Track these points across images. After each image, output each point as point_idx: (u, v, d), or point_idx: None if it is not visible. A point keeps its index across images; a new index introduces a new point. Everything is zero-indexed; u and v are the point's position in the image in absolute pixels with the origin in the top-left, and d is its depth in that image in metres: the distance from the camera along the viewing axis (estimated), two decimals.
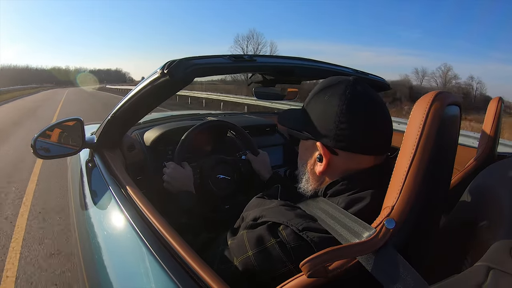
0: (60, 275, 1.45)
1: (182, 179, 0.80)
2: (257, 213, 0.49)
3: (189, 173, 0.83)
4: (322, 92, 0.49)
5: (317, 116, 0.48)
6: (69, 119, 0.87)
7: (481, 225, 0.44)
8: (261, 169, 0.94)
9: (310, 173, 0.51)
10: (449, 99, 0.39)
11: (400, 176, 0.36)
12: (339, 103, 0.46)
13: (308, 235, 0.42)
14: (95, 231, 0.70)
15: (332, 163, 0.48)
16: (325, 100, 0.48)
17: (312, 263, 0.34)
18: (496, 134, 0.70)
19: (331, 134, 0.46)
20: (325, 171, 0.48)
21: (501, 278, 0.31)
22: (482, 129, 0.72)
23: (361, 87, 0.47)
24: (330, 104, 0.46)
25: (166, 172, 0.80)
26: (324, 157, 0.47)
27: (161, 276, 0.45)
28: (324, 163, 0.48)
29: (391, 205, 0.36)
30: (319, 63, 0.85)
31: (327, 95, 0.48)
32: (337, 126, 0.45)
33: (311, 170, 0.51)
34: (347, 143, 0.46)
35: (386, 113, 0.48)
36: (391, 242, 0.34)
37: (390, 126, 0.48)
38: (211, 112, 1.71)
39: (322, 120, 0.47)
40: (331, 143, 0.46)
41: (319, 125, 0.48)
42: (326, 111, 0.47)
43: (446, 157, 0.44)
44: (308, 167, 0.51)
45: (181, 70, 0.56)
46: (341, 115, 0.45)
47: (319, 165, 0.48)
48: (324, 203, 0.46)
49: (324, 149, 0.47)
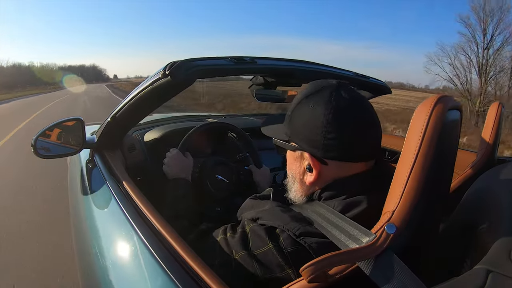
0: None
1: (182, 166, 0.81)
2: (253, 215, 0.49)
3: (190, 163, 0.84)
4: (306, 100, 0.47)
5: (303, 126, 0.47)
6: (70, 119, 0.88)
7: (481, 228, 0.44)
8: (261, 182, 0.94)
9: (299, 183, 0.50)
10: (450, 103, 0.39)
11: (401, 181, 0.36)
12: (324, 112, 0.44)
13: (305, 240, 0.42)
14: (95, 231, 0.69)
15: (322, 173, 0.47)
16: (310, 109, 0.46)
17: (313, 269, 0.34)
18: (496, 138, 0.70)
19: (319, 145, 0.45)
20: (315, 181, 0.47)
21: (500, 281, 0.31)
22: (482, 133, 0.72)
23: (346, 92, 0.46)
24: (316, 113, 0.45)
25: (168, 156, 0.82)
26: (314, 168, 0.46)
27: (161, 276, 0.45)
28: (315, 173, 0.47)
29: (391, 210, 0.36)
30: (320, 66, 0.86)
31: (311, 103, 0.46)
32: (324, 137, 0.44)
33: (301, 180, 0.49)
34: (336, 153, 0.44)
35: (374, 117, 0.47)
36: (391, 247, 0.34)
37: (379, 130, 0.47)
38: (211, 114, 1.71)
39: (309, 131, 0.46)
40: (319, 153, 0.45)
41: (306, 136, 0.46)
42: (312, 121, 0.45)
43: (446, 162, 0.44)
44: (298, 177, 0.50)
45: (183, 71, 0.56)
46: (327, 125, 0.44)
47: (309, 175, 0.47)
48: (320, 206, 0.45)
49: (313, 160, 0.46)
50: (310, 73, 0.81)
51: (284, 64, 0.79)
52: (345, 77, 0.91)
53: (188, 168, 0.82)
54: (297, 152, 0.49)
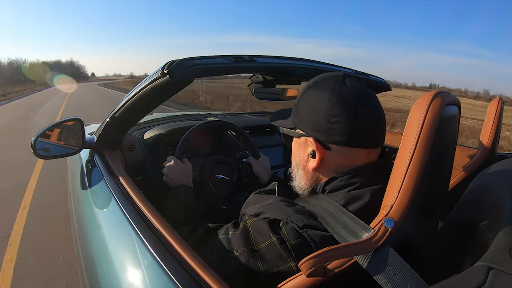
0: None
1: (181, 173, 0.80)
2: (257, 210, 0.49)
3: (188, 168, 0.83)
4: (312, 89, 0.49)
5: (308, 112, 0.48)
6: (69, 119, 0.88)
7: (481, 225, 0.44)
8: (261, 172, 0.94)
9: (303, 170, 0.51)
10: (448, 99, 0.39)
11: (399, 175, 0.36)
12: (329, 97, 0.45)
13: (308, 233, 0.42)
14: (95, 231, 0.69)
15: (326, 159, 0.47)
16: (315, 96, 0.47)
17: (311, 262, 0.34)
18: (496, 134, 0.70)
19: (323, 129, 0.46)
20: (318, 167, 0.48)
21: (501, 278, 0.31)
22: (483, 130, 0.72)
23: (351, 81, 0.47)
24: (320, 99, 0.46)
25: (166, 165, 0.82)
26: (317, 153, 0.47)
27: (161, 276, 0.45)
28: (318, 158, 0.47)
29: (390, 204, 0.36)
30: (320, 63, 0.85)
31: (317, 90, 0.48)
32: (328, 120, 0.45)
33: (304, 167, 0.50)
34: (339, 136, 0.45)
35: (378, 105, 0.47)
36: (390, 241, 0.35)
37: (382, 119, 0.48)
38: (210, 113, 1.71)
39: (313, 116, 0.47)
40: (323, 137, 0.46)
41: (310, 121, 0.47)
42: (317, 106, 0.46)
43: (445, 157, 0.44)
44: (301, 164, 0.51)
45: (182, 70, 0.56)
46: (331, 109, 0.45)
47: (312, 161, 0.48)
48: (323, 200, 0.46)
49: (317, 144, 0.47)
50: (309, 71, 0.80)
51: (283, 62, 0.78)
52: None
53: (188, 173, 0.82)
54: (302, 138, 0.50)
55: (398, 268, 0.33)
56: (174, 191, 0.76)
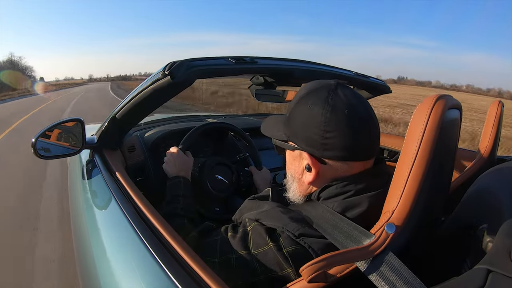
0: None
1: (182, 164, 0.80)
2: (252, 216, 0.49)
3: (190, 161, 0.84)
4: (304, 100, 0.47)
5: (301, 125, 0.46)
6: (70, 119, 0.88)
7: (481, 228, 0.44)
8: (261, 184, 0.94)
9: (298, 183, 0.50)
10: (450, 103, 0.39)
11: (400, 181, 0.36)
12: (322, 112, 0.44)
13: (305, 241, 0.42)
14: (94, 232, 0.69)
15: (321, 172, 0.46)
16: (308, 109, 0.46)
17: (312, 268, 0.34)
18: (496, 137, 0.70)
19: (317, 144, 0.44)
20: (314, 181, 0.47)
21: (500, 281, 0.31)
22: (482, 133, 0.72)
23: (343, 92, 0.45)
24: (313, 113, 0.45)
25: (169, 153, 0.82)
26: (313, 168, 0.46)
27: (161, 276, 0.45)
28: (314, 173, 0.46)
29: (391, 210, 0.36)
30: (321, 65, 0.86)
31: (309, 103, 0.46)
32: (322, 136, 0.44)
33: (300, 179, 0.49)
34: (334, 152, 0.44)
35: (372, 116, 0.46)
36: (391, 246, 0.34)
37: (377, 129, 0.47)
38: (211, 114, 1.71)
39: (307, 130, 0.45)
40: (318, 153, 0.45)
41: (304, 135, 0.46)
42: (310, 121, 0.45)
43: (446, 161, 0.44)
44: (297, 177, 0.50)
45: (183, 71, 0.57)
46: (325, 124, 0.43)
47: (308, 174, 0.47)
48: (319, 207, 0.45)
49: (312, 159, 0.46)
50: (310, 73, 0.81)
51: (284, 64, 0.79)
52: (345, 77, 0.91)
53: (188, 166, 0.82)
54: (296, 151, 0.49)
55: (399, 273, 0.33)
56: (171, 181, 0.76)
